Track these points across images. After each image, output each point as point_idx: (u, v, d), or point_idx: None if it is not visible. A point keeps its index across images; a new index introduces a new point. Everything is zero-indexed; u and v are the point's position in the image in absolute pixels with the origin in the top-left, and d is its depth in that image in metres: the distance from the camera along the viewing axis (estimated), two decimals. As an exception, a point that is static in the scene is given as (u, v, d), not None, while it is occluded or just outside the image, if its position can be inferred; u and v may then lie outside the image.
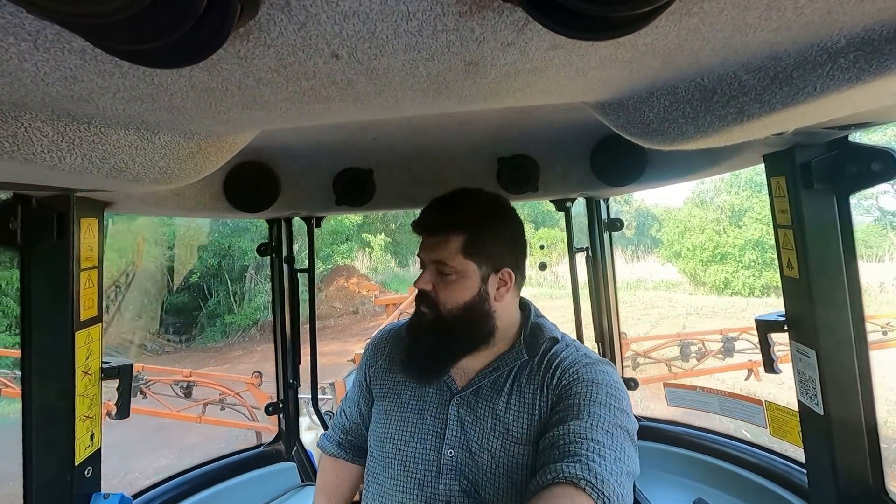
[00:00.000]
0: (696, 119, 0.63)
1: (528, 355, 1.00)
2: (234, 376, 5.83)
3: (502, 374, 0.99)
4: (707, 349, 5.97)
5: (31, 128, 0.53)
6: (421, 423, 1.00)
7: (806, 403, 1.08)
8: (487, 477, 0.91)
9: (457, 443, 0.95)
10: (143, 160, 0.69)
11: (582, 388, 0.90)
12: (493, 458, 0.92)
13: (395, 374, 1.08)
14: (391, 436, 1.01)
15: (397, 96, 0.58)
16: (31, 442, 1.01)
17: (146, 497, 1.47)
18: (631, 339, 6.18)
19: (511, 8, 0.38)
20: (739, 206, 17.19)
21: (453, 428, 0.97)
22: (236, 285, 15.15)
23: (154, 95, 0.51)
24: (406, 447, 0.99)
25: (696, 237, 17.46)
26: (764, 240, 15.63)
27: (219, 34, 0.32)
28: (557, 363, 0.97)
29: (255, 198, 1.45)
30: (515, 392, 0.96)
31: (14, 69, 0.41)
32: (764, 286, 15.76)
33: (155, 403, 5.57)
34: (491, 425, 0.94)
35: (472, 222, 0.97)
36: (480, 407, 0.97)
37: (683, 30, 0.43)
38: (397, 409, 1.04)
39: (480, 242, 0.97)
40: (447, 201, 1.01)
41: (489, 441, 0.93)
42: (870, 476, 1.03)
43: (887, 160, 0.93)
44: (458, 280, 0.96)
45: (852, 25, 0.44)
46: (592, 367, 0.95)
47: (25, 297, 1.01)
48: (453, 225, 0.96)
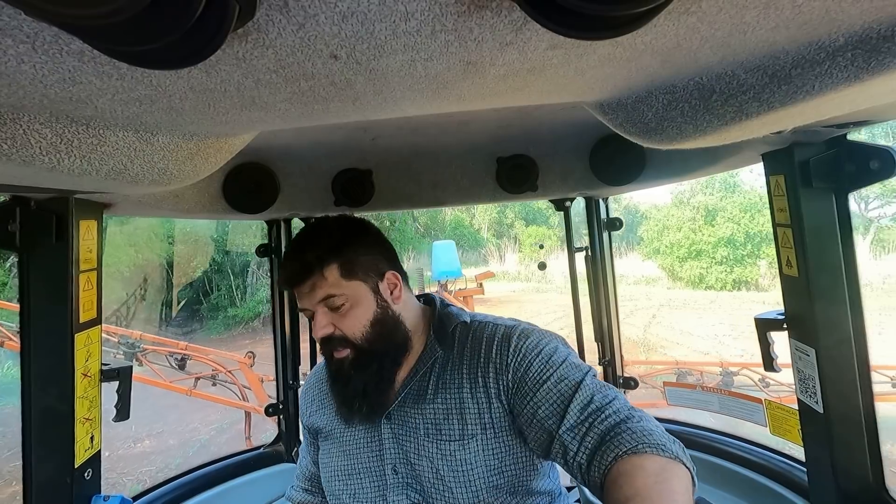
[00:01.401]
0: (694, 118, 0.63)
1: (441, 348, 1.00)
2: (227, 354, 5.81)
3: (423, 377, 0.99)
4: (705, 381, 5.73)
5: (29, 130, 0.53)
6: (358, 453, 1.00)
7: (805, 402, 1.08)
8: (432, 483, 0.92)
9: (396, 460, 0.96)
10: (142, 162, 0.69)
11: (537, 365, 0.91)
12: (431, 463, 0.92)
13: (328, 416, 1.08)
14: (336, 474, 1.03)
15: (396, 97, 0.58)
16: (30, 444, 1.01)
17: (146, 499, 1.47)
18: (627, 362, 6.10)
19: (509, 7, 0.38)
20: (713, 206, 18.13)
21: (389, 447, 0.97)
22: (238, 280, 15.56)
23: (152, 97, 0.51)
24: (350, 480, 1.00)
25: (673, 235, 18.40)
26: (735, 237, 16.68)
27: (217, 35, 0.32)
28: (485, 343, 0.97)
29: (255, 199, 1.45)
30: (441, 391, 0.96)
31: (12, 71, 0.41)
32: (735, 280, 16.79)
33: (150, 373, 5.57)
34: (424, 430, 0.94)
35: (334, 248, 0.95)
36: (410, 416, 0.97)
37: (682, 29, 0.43)
38: (336, 447, 1.05)
39: (352, 261, 0.96)
40: (299, 248, 0.98)
41: (425, 448, 0.93)
42: (869, 474, 1.03)
43: (886, 158, 0.94)
44: (354, 305, 0.95)
45: (850, 24, 0.44)
46: (526, 339, 0.95)
47: (24, 299, 1.01)
48: (319, 259, 0.94)
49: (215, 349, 6.28)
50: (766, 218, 16.03)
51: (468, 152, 1.47)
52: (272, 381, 1.97)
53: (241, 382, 5.46)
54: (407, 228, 20.60)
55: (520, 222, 21.35)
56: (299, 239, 1.02)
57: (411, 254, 20.92)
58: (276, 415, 1.90)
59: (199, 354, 5.72)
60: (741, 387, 5.56)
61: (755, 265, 17.07)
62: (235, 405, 5.52)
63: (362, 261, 0.97)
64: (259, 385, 5.29)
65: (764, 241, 16.52)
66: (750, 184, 18.54)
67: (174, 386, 5.60)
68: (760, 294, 16.10)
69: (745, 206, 17.48)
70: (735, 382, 5.58)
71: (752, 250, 16.92)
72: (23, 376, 1.01)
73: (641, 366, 6.48)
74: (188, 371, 5.63)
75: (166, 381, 5.57)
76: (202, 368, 5.66)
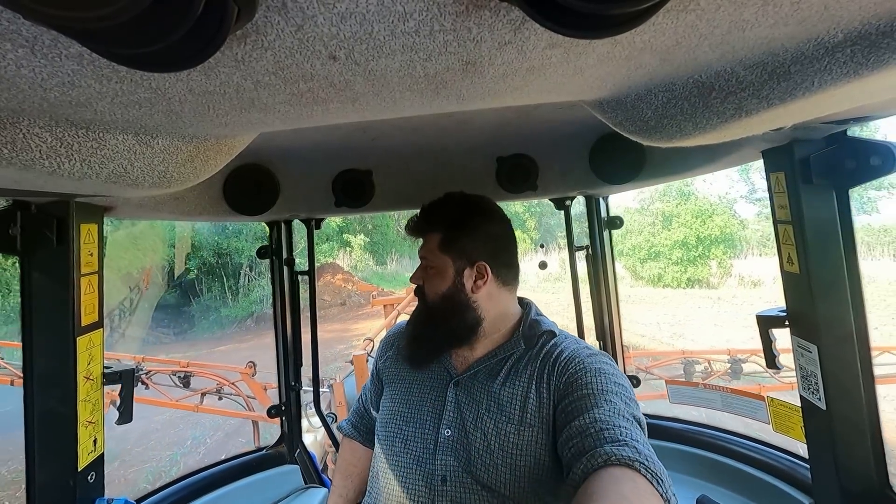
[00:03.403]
0: (694, 116, 0.63)
1: (525, 346, 1.06)
2: (228, 366, 5.86)
3: (499, 362, 1.06)
4: (713, 369, 5.77)
5: (29, 134, 0.53)
6: (421, 405, 1.08)
7: (808, 399, 1.08)
8: (479, 454, 0.96)
9: (453, 423, 1.02)
10: (142, 164, 0.69)
11: (591, 377, 0.94)
12: (484, 436, 0.97)
13: (401, 364, 1.18)
14: (394, 417, 1.10)
15: (395, 97, 0.58)
16: (33, 447, 1.01)
17: (149, 501, 1.47)
18: (633, 354, 6.10)
19: (508, 7, 0.38)
20: (669, 213, 20.51)
21: (450, 409, 1.04)
22: (231, 281, 16.28)
23: (152, 100, 0.51)
24: (407, 427, 1.07)
25: (635, 238, 20.72)
26: (688, 240, 19.12)
27: (216, 37, 0.32)
28: (557, 353, 1.02)
29: (255, 200, 1.45)
30: (511, 376, 1.02)
31: (11, 75, 0.41)
32: (689, 279, 19.10)
33: (156, 394, 5.61)
34: (486, 406, 1.00)
35: (447, 221, 1.09)
36: (477, 389, 1.04)
37: (681, 27, 0.43)
38: (401, 394, 1.13)
39: (455, 239, 1.07)
40: (430, 205, 1.12)
41: (483, 421, 0.99)
42: (873, 471, 1.03)
43: (886, 154, 0.93)
44: (437, 273, 1.08)
45: (849, 20, 0.44)
46: (595, 358, 0.99)
47: (26, 303, 1.01)
48: (431, 225, 1.10)
49: (217, 363, 6.33)
50: (715, 223, 18.66)
51: (468, 152, 1.47)
52: (275, 388, 1.97)
53: (246, 393, 5.49)
54: (389, 231, 20.90)
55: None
56: (439, 199, 1.13)
57: (394, 255, 21.23)
58: (279, 416, 1.90)
59: (201, 370, 5.76)
60: (751, 374, 5.66)
61: (706, 265, 19.33)
62: (242, 416, 5.56)
63: (460, 244, 1.07)
64: (263, 393, 5.30)
65: (713, 244, 19.00)
66: (703, 192, 20.99)
67: (182, 404, 5.65)
68: (711, 291, 18.05)
69: (696, 213, 19.81)
70: (744, 370, 5.64)
71: (703, 252, 19.21)
72: (25, 380, 1.01)
73: (647, 357, 6.47)
74: (192, 388, 5.67)
75: (173, 401, 5.62)
76: (206, 383, 5.69)
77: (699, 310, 14.84)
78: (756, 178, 21.91)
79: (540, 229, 23.32)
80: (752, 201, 22.83)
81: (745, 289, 18.21)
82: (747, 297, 16.23)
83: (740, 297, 16.32)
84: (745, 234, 21.10)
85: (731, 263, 19.58)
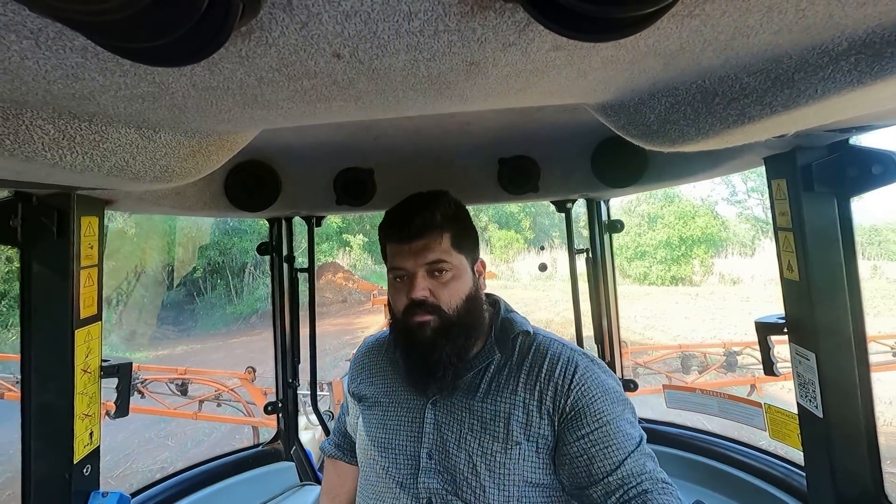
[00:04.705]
0: (696, 121, 0.63)
1: (500, 352, 1.00)
2: (227, 372, 5.81)
3: (477, 374, 0.99)
4: (709, 362, 5.89)
5: (32, 126, 0.53)
6: (397, 430, 1.01)
7: (805, 406, 1.07)
8: (464, 476, 0.92)
9: (433, 446, 0.96)
10: (144, 159, 0.69)
11: (601, 404, 0.91)
12: (469, 457, 0.92)
13: (376, 387, 1.10)
14: (374, 442, 1.03)
15: (398, 96, 0.58)
16: (29, 440, 1.01)
17: (144, 496, 1.47)
18: (631, 349, 6.14)
19: (513, 8, 0.38)
20: (654, 214, 21.37)
21: (429, 431, 0.97)
22: (236, 280, 16.58)
23: (155, 94, 0.51)
24: (387, 453, 1.00)
25: (622, 238, 21.04)
26: (671, 240, 20.01)
27: (220, 33, 0.32)
28: (545, 363, 0.96)
29: (256, 197, 1.45)
30: (493, 392, 0.96)
31: (15, 67, 0.41)
32: (672, 277, 19.92)
33: (153, 402, 5.56)
34: (468, 424, 0.94)
35: (453, 218, 1.00)
36: (457, 407, 0.97)
37: (685, 31, 0.43)
38: (377, 418, 1.06)
39: (463, 236, 1.00)
40: (423, 204, 0.99)
41: (466, 441, 0.93)
42: (869, 479, 1.03)
43: (888, 163, 0.93)
44: (456, 276, 0.97)
45: (854, 28, 0.44)
46: (589, 366, 0.96)
47: (25, 295, 1.01)
48: (441, 224, 0.97)
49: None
50: (697, 224, 19.58)
51: (470, 153, 1.47)
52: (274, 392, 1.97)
53: (246, 399, 5.45)
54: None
55: (493, 226, 22.40)
56: (419, 198, 1.01)
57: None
58: (276, 413, 1.90)
59: (199, 377, 5.69)
60: (745, 366, 5.76)
61: (689, 264, 20.20)
62: (242, 422, 5.52)
63: (469, 239, 1.02)
64: (263, 399, 5.26)
65: (696, 244, 19.90)
66: (687, 194, 21.83)
67: (180, 412, 5.58)
68: (693, 288, 18.87)
69: (679, 214, 20.70)
70: (738, 362, 5.76)
71: (686, 251, 20.06)
72: (22, 372, 1.01)
73: (645, 352, 6.52)
74: (190, 396, 5.58)
75: (171, 409, 5.56)
76: (204, 390, 5.63)
77: (677, 305, 15.40)
78: (736, 181, 22.52)
79: (535, 229, 23.42)
80: (733, 203, 23.39)
81: (725, 286, 18.78)
82: (726, 293, 16.98)
83: (718, 293, 17.02)
84: (725, 234, 21.77)
85: (712, 262, 20.31)
